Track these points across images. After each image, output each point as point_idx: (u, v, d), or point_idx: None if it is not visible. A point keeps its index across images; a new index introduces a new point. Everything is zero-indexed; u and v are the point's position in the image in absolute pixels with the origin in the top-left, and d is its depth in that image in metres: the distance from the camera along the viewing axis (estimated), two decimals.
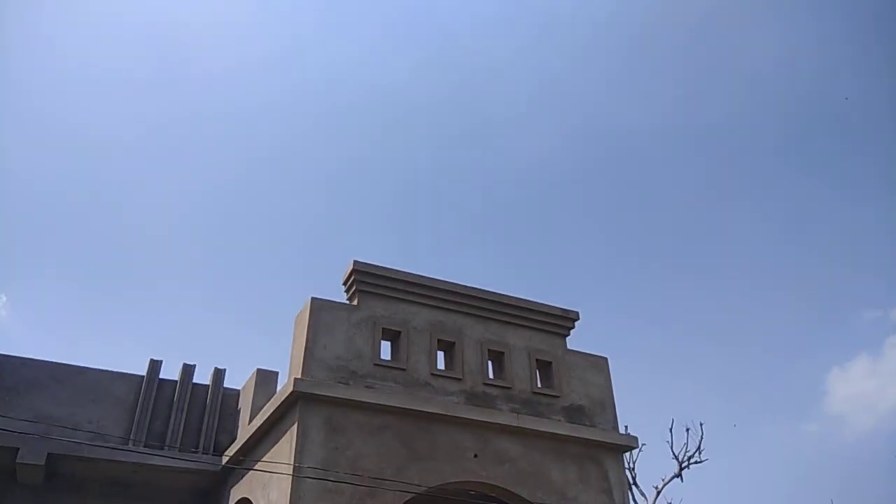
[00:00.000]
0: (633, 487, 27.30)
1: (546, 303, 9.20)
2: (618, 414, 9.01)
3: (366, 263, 8.22)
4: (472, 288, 8.77)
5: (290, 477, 6.72)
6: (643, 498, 27.42)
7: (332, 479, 6.83)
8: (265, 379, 9.89)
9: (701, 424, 32.18)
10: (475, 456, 7.76)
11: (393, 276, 8.32)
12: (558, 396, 8.67)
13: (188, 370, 10.67)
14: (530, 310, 9.04)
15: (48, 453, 8.46)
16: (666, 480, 27.68)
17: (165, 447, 9.76)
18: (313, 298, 7.85)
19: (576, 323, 9.32)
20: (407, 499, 7.19)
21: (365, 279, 8.17)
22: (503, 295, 8.93)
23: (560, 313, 9.22)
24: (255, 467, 7.98)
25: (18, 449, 8.35)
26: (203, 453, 9.77)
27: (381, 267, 8.31)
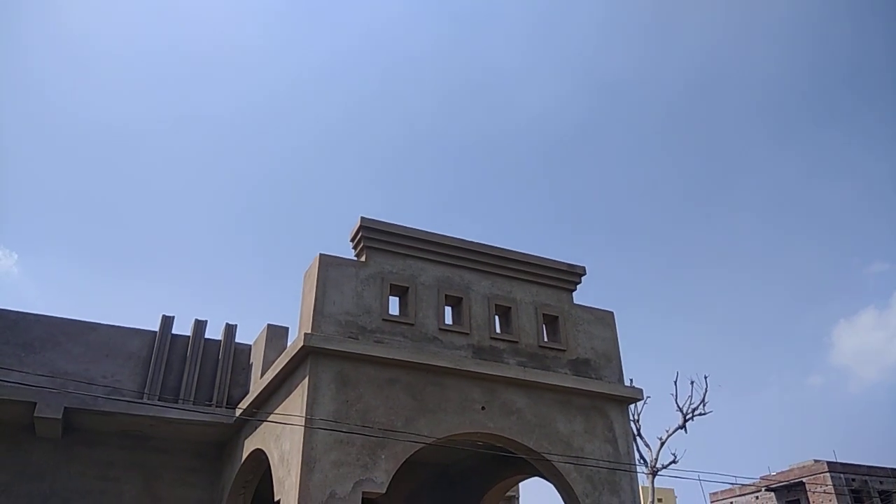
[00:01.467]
0: (638, 439, 27.86)
1: (552, 258, 9.25)
2: (623, 367, 9.14)
3: (373, 220, 8.25)
4: (479, 244, 8.81)
5: (303, 428, 6.87)
6: (647, 449, 28.00)
7: (343, 430, 6.99)
8: (276, 334, 10.04)
9: (705, 377, 32.56)
10: (482, 408, 7.91)
11: (400, 233, 8.35)
12: (564, 350, 8.79)
13: (200, 326, 10.84)
14: (537, 265, 9.09)
15: (65, 407, 8.66)
16: (670, 432, 28.22)
17: (180, 401, 9.99)
18: (321, 255, 7.90)
19: (582, 278, 9.38)
20: (416, 449, 7.36)
21: (372, 235, 8.21)
22: (510, 251, 8.98)
23: (566, 268, 9.27)
24: (268, 419, 8.16)
25: (36, 403, 8.55)
26: (217, 406, 9.99)
27: (389, 223, 8.33)
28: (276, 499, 7.26)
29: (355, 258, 8.29)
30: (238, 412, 9.26)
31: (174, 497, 9.79)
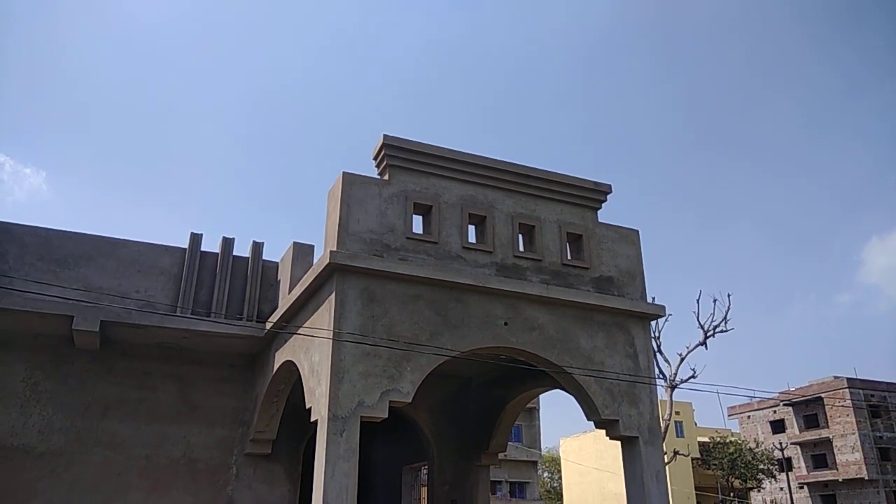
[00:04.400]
0: (658, 355, 28.30)
1: (578, 176, 9.15)
2: (646, 285, 9.18)
3: (396, 137, 8.17)
4: (504, 161, 8.72)
5: (331, 341, 7.08)
6: (667, 365, 28.48)
7: (370, 343, 7.19)
8: (302, 252, 10.20)
9: (728, 296, 32.63)
10: (505, 324, 8.06)
11: (423, 150, 8.28)
12: (588, 268, 8.82)
13: (228, 243, 11.03)
14: (561, 183, 9.00)
15: (101, 320, 8.99)
16: (690, 348, 28.58)
17: (212, 314, 10.30)
18: (345, 173, 7.90)
19: (607, 196, 9.29)
20: (441, 362, 7.57)
21: (395, 153, 8.16)
22: (534, 168, 8.88)
23: (592, 186, 9.18)
24: (298, 333, 8.41)
25: (73, 317, 8.87)
26: (247, 321, 10.29)
27: (412, 141, 8.25)
28: (307, 406, 7.58)
29: (378, 177, 8.28)
30: (268, 326, 9.54)
31: (209, 406, 10.26)
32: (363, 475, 6.91)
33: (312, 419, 7.31)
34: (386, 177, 8.16)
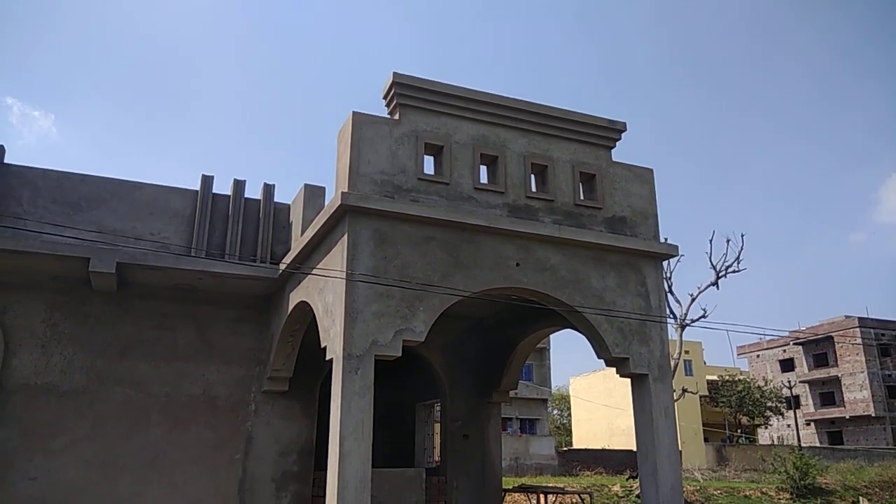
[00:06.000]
0: (669, 295, 28.38)
1: (592, 114, 8.98)
2: (660, 226, 9.12)
3: (406, 75, 8.02)
4: (516, 100, 8.56)
5: (344, 282, 7.14)
6: (678, 305, 28.61)
7: (383, 283, 7.25)
8: (313, 194, 10.18)
9: (742, 236, 32.47)
10: (517, 264, 8.07)
11: (434, 89, 8.14)
12: (600, 208, 8.76)
13: (239, 185, 11.02)
14: (575, 121, 8.85)
15: (117, 262, 9.09)
16: (701, 288, 28.64)
17: (226, 255, 10.39)
18: (354, 113, 7.80)
19: (622, 134, 9.14)
20: (453, 302, 7.63)
21: (405, 92, 8.02)
22: (548, 106, 8.72)
23: (606, 124, 9.03)
24: (311, 273, 8.48)
25: (89, 259, 8.97)
26: (261, 263, 10.38)
27: (422, 79, 8.10)
28: (322, 345, 7.71)
29: (389, 116, 8.17)
30: (281, 267, 9.62)
31: (226, 345, 10.46)
32: (378, 411, 7.07)
33: (328, 358, 7.44)
34: (396, 116, 8.05)
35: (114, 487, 9.39)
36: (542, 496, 12.47)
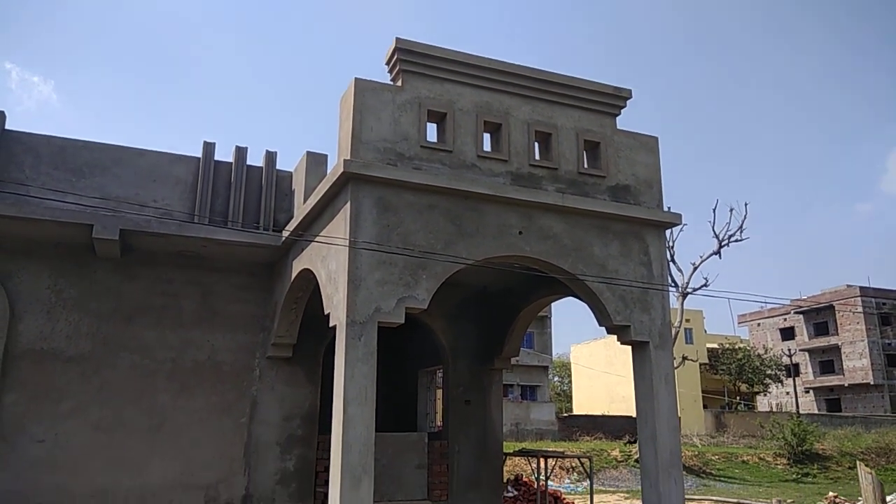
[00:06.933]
0: (671, 264, 28.43)
1: (597, 80, 8.90)
2: (664, 194, 9.09)
3: (409, 41, 7.93)
4: (520, 66, 8.47)
5: (347, 250, 7.17)
6: (679, 274, 28.68)
7: (386, 251, 7.27)
8: (315, 161, 10.15)
9: (746, 205, 32.29)
10: (520, 233, 8.08)
11: (437, 55, 8.05)
12: (604, 176, 8.73)
13: (241, 152, 10.98)
14: (580, 88, 8.77)
15: (120, 229, 9.10)
16: (704, 257, 28.66)
17: (229, 222, 10.40)
18: (357, 79, 7.73)
19: (627, 101, 9.06)
20: (455, 270, 7.66)
21: (408, 58, 7.94)
22: (552, 73, 8.63)
23: (612, 91, 8.94)
24: (314, 240, 8.50)
25: (93, 226, 8.98)
26: (264, 230, 10.39)
27: (425, 45, 8.00)
28: (325, 312, 7.77)
29: (391, 83, 8.10)
30: (284, 235, 9.64)
31: (231, 312, 10.53)
32: (381, 377, 7.16)
33: (331, 324, 7.50)
34: (399, 83, 7.98)
35: (121, 450, 9.55)
36: (542, 460, 12.68)
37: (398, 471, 11.07)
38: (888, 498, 10.11)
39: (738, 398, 53.66)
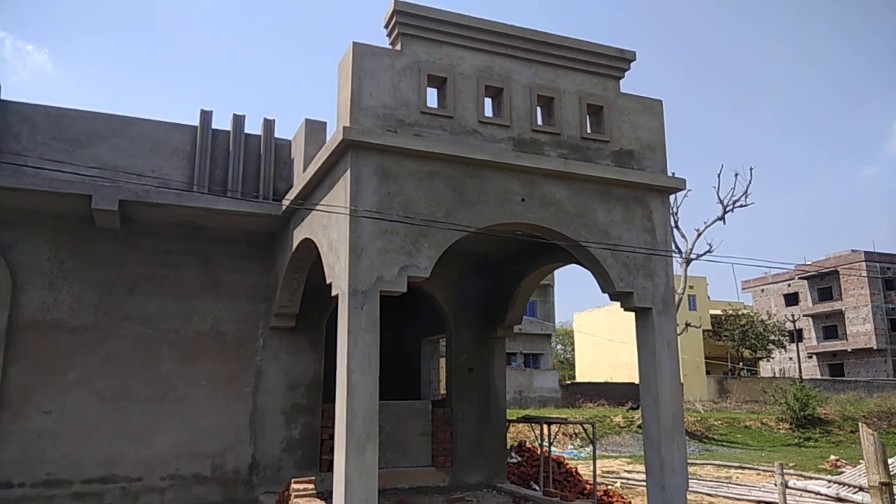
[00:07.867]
0: (675, 230, 28.30)
1: (600, 42, 8.71)
2: (668, 159, 8.97)
3: (408, 3, 7.74)
4: (522, 28, 8.27)
5: (348, 219, 7.09)
6: (683, 240, 28.56)
7: (387, 219, 7.19)
8: (314, 129, 10.01)
9: (751, 169, 32.04)
10: (522, 200, 7.98)
11: (436, 17, 7.86)
12: (608, 141, 8.60)
13: (239, 120, 10.83)
14: (583, 50, 8.58)
15: (119, 199, 9.02)
16: (708, 223, 28.52)
17: (228, 192, 10.31)
18: (355, 43, 7.56)
19: (631, 64, 8.88)
20: (457, 238, 7.59)
21: (407, 20, 7.75)
22: (554, 35, 8.44)
23: (615, 53, 8.75)
24: (315, 209, 8.42)
25: (91, 196, 8.91)
26: (263, 199, 10.31)
27: (424, 6, 7.81)
28: (328, 282, 7.73)
29: (390, 47, 7.93)
30: (284, 204, 9.56)
31: (232, 282, 10.51)
32: (384, 346, 7.14)
33: (333, 294, 7.46)
34: (398, 47, 7.81)
35: (127, 420, 9.62)
36: (545, 426, 12.75)
37: (402, 438, 11.16)
38: (890, 460, 10.14)
39: (741, 364, 53.93)
